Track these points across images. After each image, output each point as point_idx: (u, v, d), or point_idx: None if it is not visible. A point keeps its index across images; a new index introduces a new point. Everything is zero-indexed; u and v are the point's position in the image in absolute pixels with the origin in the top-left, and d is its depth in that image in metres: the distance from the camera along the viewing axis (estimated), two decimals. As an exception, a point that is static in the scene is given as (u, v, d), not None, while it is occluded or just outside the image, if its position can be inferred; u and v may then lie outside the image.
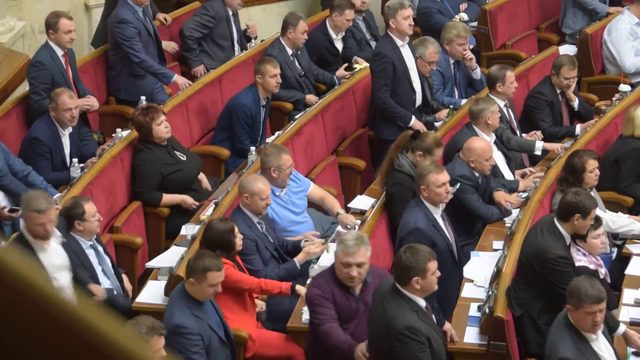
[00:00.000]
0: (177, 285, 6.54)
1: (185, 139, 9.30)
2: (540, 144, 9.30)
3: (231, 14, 10.89)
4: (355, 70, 10.67)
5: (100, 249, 7.23)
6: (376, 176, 8.72)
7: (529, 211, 7.95)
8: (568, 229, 6.98)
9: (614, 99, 10.17)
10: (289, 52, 10.38)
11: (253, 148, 8.98)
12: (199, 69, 10.71)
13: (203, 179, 8.82)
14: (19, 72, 9.42)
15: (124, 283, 7.36)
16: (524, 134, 9.57)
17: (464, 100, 10.17)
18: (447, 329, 6.68)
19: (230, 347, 6.52)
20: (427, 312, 6.18)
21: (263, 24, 12.04)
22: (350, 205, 8.59)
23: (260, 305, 7.20)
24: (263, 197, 7.44)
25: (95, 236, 7.19)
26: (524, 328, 6.92)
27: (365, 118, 10.05)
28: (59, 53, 9.14)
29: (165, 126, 8.51)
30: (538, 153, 9.31)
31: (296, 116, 9.61)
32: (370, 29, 11.54)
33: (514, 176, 8.93)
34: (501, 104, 9.30)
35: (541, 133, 9.58)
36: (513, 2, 12.10)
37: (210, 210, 7.97)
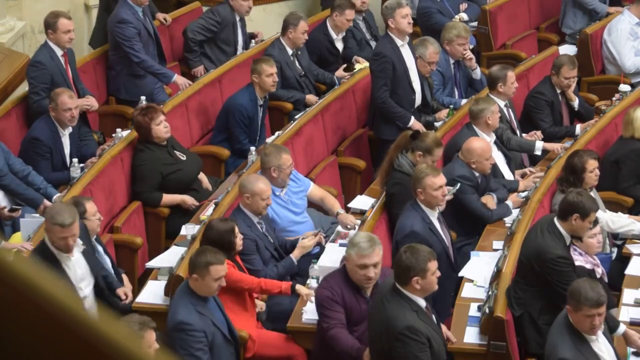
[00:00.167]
0: (182, 283, 6.55)
1: (185, 139, 9.30)
2: (540, 144, 9.30)
3: (238, 20, 10.88)
4: (356, 70, 10.67)
5: (100, 249, 7.23)
6: (376, 176, 8.71)
7: (529, 211, 7.95)
8: (567, 229, 6.98)
9: (614, 99, 10.17)
10: (289, 52, 10.38)
11: (253, 148, 8.99)
12: (199, 69, 10.71)
13: (203, 179, 8.81)
14: (19, 72, 9.41)
15: (124, 283, 7.36)
16: (524, 134, 9.56)
17: (464, 100, 10.17)
18: (443, 332, 6.66)
19: (235, 345, 6.53)
20: (427, 312, 6.18)
21: (263, 24, 12.04)
22: (350, 205, 8.58)
23: (260, 306, 7.20)
24: (264, 197, 7.44)
25: (95, 236, 7.20)
26: (524, 328, 6.91)
27: (365, 118, 10.04)
28: (59, 53, 9.14)
29: (164, 126, 8.50)
30: (538, 153, 9.31)
31: (296, 116, 9.61)
32: (370, 29, 11.54)
33: (514, 176, 8.93)
34: (501, 104, 9.30)
35: (541, 133, 9.58)
36: (513, 2, 12.09)
37: (210, 210, 7.97)
